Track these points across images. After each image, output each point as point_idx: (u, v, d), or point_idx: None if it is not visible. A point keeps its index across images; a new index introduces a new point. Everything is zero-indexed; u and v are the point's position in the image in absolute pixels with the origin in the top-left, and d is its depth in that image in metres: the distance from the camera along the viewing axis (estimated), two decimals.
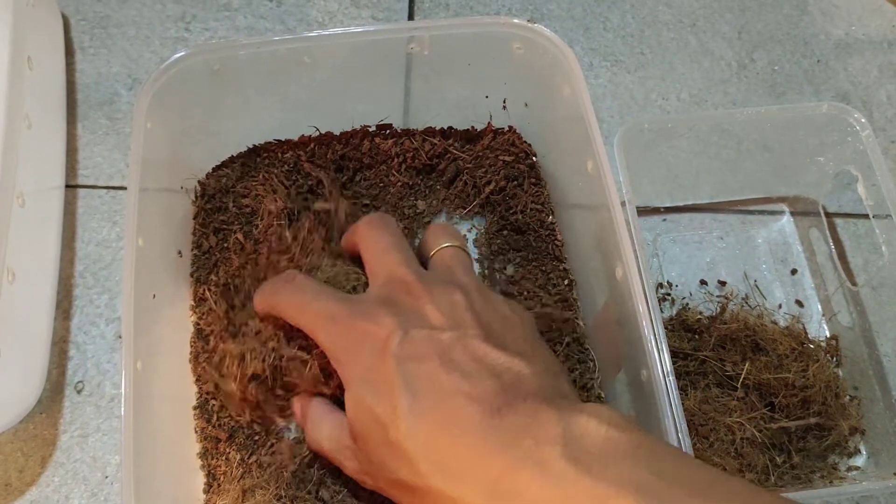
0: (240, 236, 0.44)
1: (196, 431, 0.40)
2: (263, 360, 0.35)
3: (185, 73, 0.40)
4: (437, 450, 0.26)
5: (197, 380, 0.41)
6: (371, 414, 0.28)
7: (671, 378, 0.33)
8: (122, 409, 0.32)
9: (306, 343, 0.35)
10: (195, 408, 0.41)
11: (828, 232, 0.50)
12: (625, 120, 0.54)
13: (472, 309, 0.30)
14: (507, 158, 0.47)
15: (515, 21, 0.41)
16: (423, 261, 0.37)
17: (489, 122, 0.48)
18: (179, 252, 0.43)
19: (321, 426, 0.33)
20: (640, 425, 0.28)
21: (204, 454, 0.40)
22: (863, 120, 0.44)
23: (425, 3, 0.57)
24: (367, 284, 0.35)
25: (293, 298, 0.33)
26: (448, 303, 0.30)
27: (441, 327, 0.29)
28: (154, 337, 0.37)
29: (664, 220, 0.51)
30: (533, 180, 0.47)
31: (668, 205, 0.51)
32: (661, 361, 0.34)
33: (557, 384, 0.29)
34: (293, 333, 0.35)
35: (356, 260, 0.38)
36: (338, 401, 0.35)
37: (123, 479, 0.32)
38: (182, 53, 0.39)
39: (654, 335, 0.34)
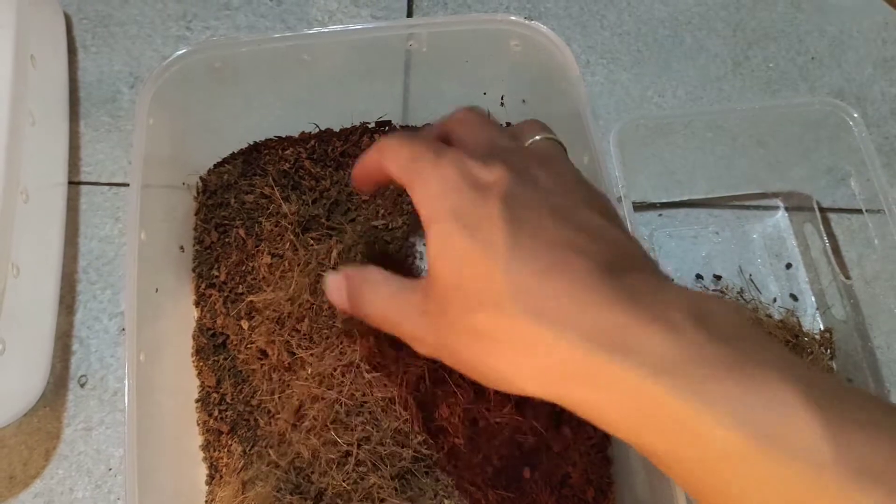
0: (241, 232, 0.44)
1: (198, 424, 0.41)
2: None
3: (187, 71, 0.40)
4: (538, 293, 0.24)
5: (199, 374, 0.42)
6: (461, 250, 0.25)
7: None
8: (126, 398, 0.33)
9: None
10: (197, 401, 0.41)
11: (822, 226, 0.50)
12: (621, 116, 0.54)
13: (582, 182, 0.29)
14: None
15: (513, 18, 0.42)
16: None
17: None
18: (181, 247, 0.44)
19: (380, 287, 0.29)
20: None
21: (206, 446, 0.40)
22: (856, 116, 0.45)
23: (424, 0, 0.58)
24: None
25: (400, 145, 0.30)
26: (556, 172, 0.29)
27: (552, 191, 0.27)
28: (156, 330, 0.38)
29: (660, 215, 0.51)
30: None
31: (664, 200, 0.51)
32: None
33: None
34: None
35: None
36: None
37: (127, 471, 0.32)
38: (183, 51, 0.40)
39: None
